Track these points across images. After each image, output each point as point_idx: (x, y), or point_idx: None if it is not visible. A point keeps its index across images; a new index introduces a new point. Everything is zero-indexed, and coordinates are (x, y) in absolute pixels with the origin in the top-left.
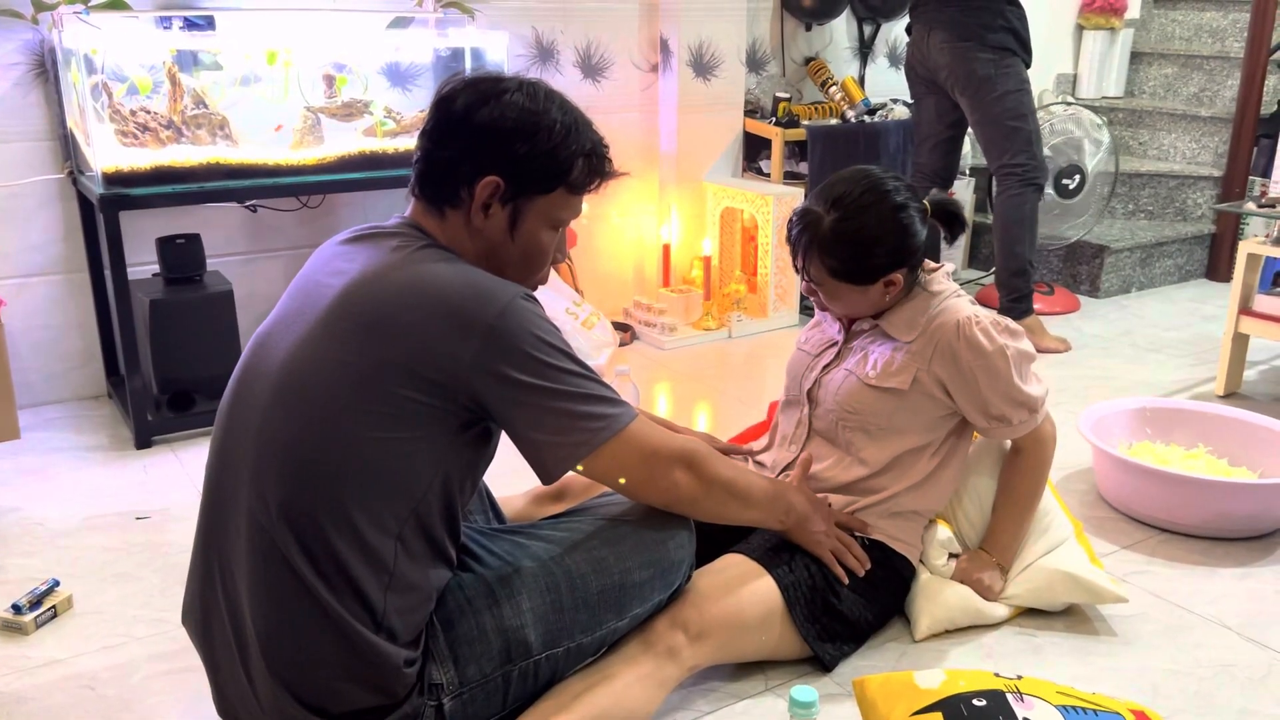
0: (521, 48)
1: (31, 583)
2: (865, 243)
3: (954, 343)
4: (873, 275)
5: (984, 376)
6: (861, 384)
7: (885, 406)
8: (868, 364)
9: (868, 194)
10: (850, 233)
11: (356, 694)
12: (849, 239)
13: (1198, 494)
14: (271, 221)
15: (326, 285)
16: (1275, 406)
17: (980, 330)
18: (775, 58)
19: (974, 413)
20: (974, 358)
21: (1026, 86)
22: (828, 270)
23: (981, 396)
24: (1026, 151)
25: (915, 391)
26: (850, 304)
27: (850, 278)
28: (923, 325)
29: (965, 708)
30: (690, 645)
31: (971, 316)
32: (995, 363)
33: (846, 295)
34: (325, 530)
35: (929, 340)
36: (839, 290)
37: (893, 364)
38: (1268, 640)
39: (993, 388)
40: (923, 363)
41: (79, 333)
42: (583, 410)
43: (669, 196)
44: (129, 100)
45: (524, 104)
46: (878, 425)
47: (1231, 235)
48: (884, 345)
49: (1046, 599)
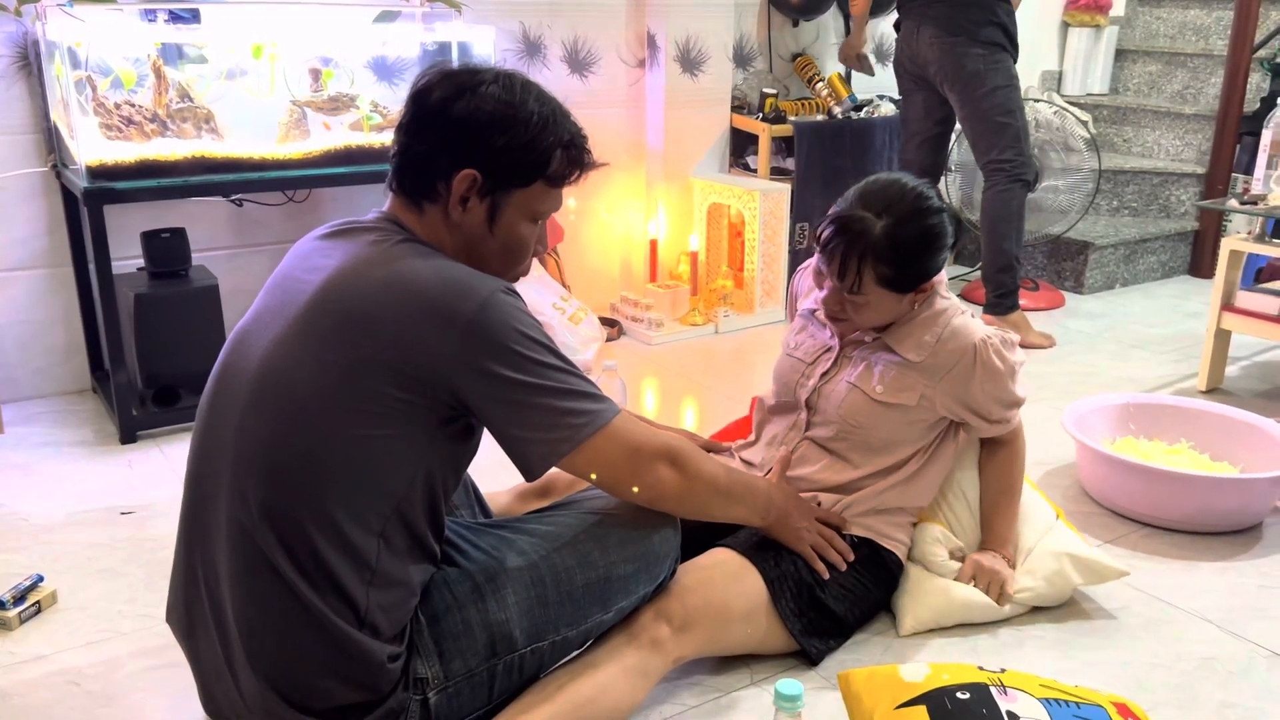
0: (509, 42)
1: (15, 578)
2: (920, 249)
3: (969, 366)
4: (917, 282)
5: (992, 391)
6: (868, 399)
7: (890, 421)
8: (873, 378)
9: (917, 200)
10: (907, 239)
11: (341, 690)
12: (906, 245)
13: (1180, 489)
14: (257, 216)
15: (304, 282)
16: (1257, 402)
17: (995, 353)
18: (762, 54)
19: (977, 421)
20: (986, 378)
21: (1015, 83)
22: (877, 278)
23: (986, 407)
24: (1014, 147)
25: (920, 407)
26: (877, 314)
27: (898, 285)
28: (932, 345)
29: (949, 701)
30: (674, 637)
31: (986, 339)
32: (1004, 381)
33: (879, 305)
34: (306, 529)
35: (943, 362)
36: (878, 300)
37: (901, 381)
38: (1248, 633)
39: (997, 400)
40: (932, 381)
41: (63, 327)
42: (565, 406)
43: (656, 192)
44: (113, 93)
45: (501, 96)
46: (881, 438)
47: (1214, 232)
48: (887, 360)
49: (1059, 588)
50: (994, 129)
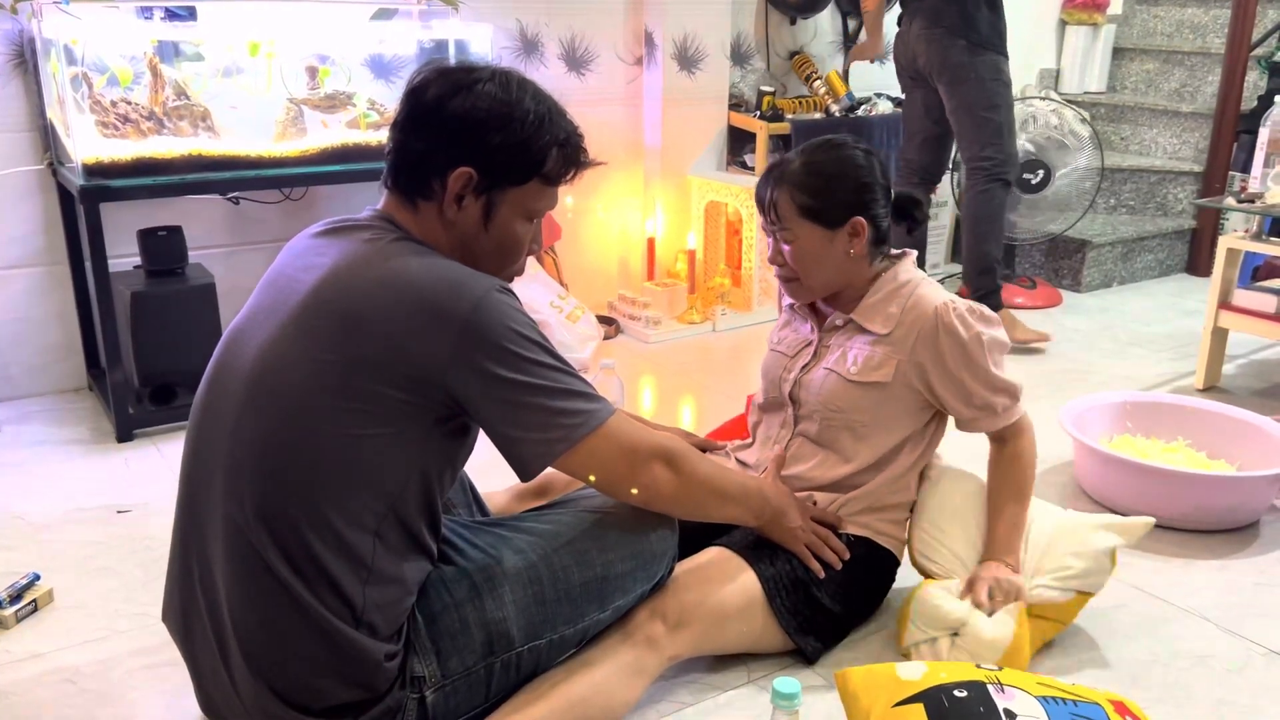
0: (506, 40)
1: (12, 576)
2: (834, 176)
3: (932, 331)
4: (839, 214)
5: (963, 363)
6: (843, 381)
7: (868, 402)
8: (848, 361)
9: (833, 141)
10: (818, 165)
11: (338, 689)
12: (817, 172)
13: (1177, 487)
14: (254, 214)
15: (298, 280)
16: (1254, 400)
17: (956, 316)
18: (760, 51)
19: (957, 403)
20: (952, 344)
21: (1002, 77)
22: (798, 209)
23: (963, 385)
24: (995, 144)
25: (897, 383)
26: (814, 261)
27: (819, 216)
28: (898, 316)
29: (946, 699)
30: (669, 635)
31: (947, 302)
32: (972, 349)
33: (810, 245)
34: (301, 529)
35: (908, 329)
36: (806, 238)
37: (874, 359)
38: (1245, 631)
39: (973, 374)
40: (904, 353)
41: (59, 325)
42: (560, 406)
43: (654, 190)
44: (109, 91)
45: (496, 94)
46: (862, 422)
47: (1212, 230)
48: (861, 341)
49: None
50: (977, 123)
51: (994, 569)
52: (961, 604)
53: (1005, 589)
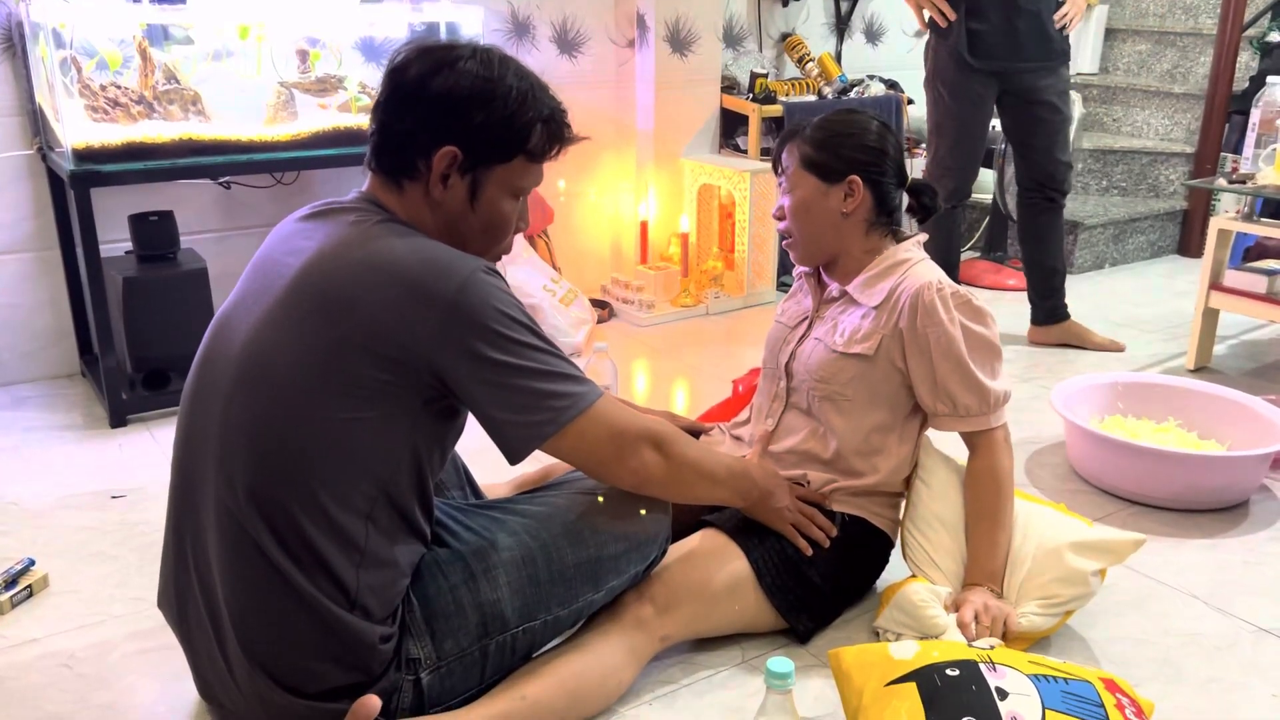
0: (497, 23)
1: (7, 562)
2: (841, 132)
3: (914, 304)
4: (839, 169)
5: (937, 347)
6: (829, 350)
7: (851, 374)
8: (836, 332)
9: (852, 109)
10: (830, 123)
11: (333, 672)
12: (827, 128)
13: (1167, 467)
14: (245, 198)
15: (285, 264)
16: (1244, 380)
17: (940, 297)
18: (752, 34)
19: (922, 389)
20: (929, 322)
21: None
22: (799, 159)
23: (932, 371)
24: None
25: (881, 358)
26: (808, 214)
27: (819, 169)
28: (889, 290)
29: (939, 677)
30: (658, 616)
31: (934, 282)
32: (949, 334)
33: (806, 196)
34: (294, 513)
35: (895, 304)
36: (803, 187)
37: (860, 331)
38: (1234, 609)
39: (945, 362)
40: (888, 327)
41: (51, 311)
42: (547, 388)
43: (646, 173)
44: (99, 75)
45: (479, 71)
46: (844, 395)
47: (1203, 211)
48: (853, 313)
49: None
50: (1065, 144)
51: (981, 594)
52: (946, 617)
53: (994, 615)
